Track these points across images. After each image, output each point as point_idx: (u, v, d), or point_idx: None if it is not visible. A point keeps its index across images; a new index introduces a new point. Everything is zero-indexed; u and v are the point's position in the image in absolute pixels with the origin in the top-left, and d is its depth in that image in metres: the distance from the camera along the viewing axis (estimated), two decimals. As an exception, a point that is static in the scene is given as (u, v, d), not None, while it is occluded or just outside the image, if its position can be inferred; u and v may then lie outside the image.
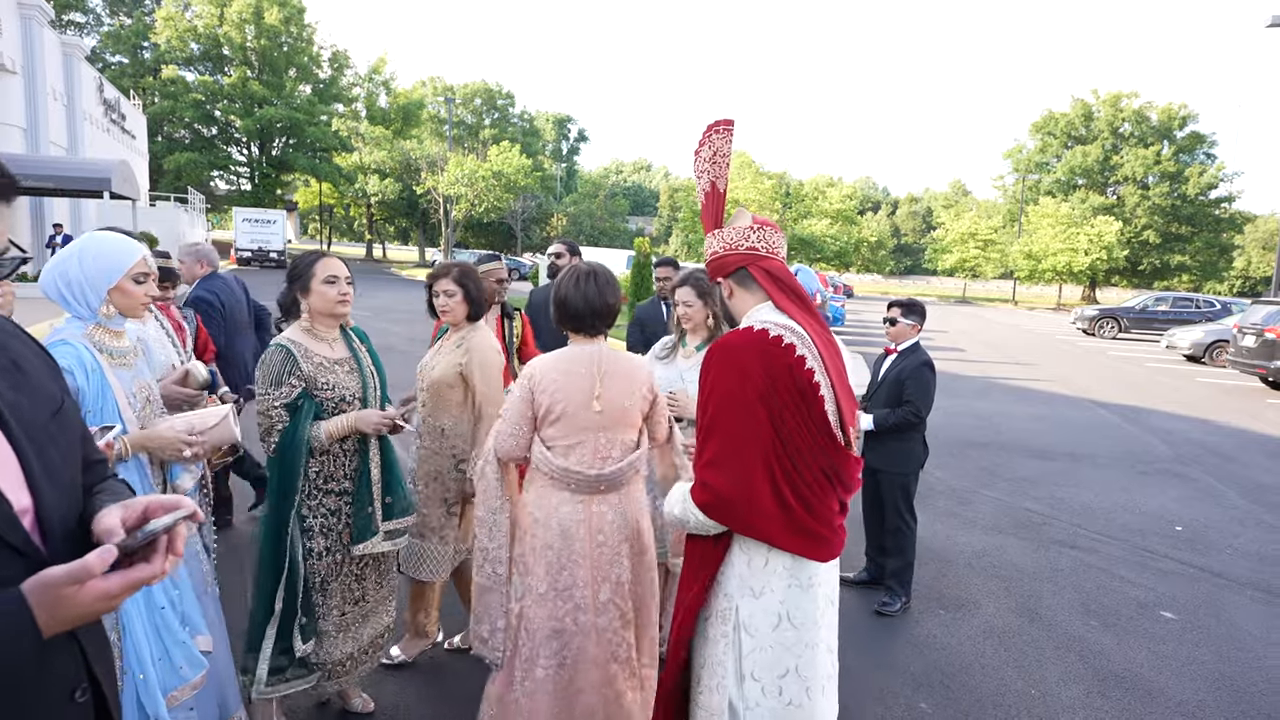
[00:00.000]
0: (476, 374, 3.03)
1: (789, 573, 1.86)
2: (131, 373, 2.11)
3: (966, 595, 4.36)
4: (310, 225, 57.67)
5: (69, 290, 1.99)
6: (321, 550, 2.60)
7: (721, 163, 2.04)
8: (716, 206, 2.05)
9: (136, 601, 1.91)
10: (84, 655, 0.93)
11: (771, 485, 1.79)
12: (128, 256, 2.06)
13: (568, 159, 66.27)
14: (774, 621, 1.86)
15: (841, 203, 45.45)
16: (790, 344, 1.83)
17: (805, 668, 1.88)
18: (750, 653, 1.86)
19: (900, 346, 4.17)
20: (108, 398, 1.97)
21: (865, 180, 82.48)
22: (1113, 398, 11.81)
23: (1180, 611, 4.30)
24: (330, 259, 2.60)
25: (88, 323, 2.03)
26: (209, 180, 43.76)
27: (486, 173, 38.04)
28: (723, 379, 1.83)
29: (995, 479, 6.85)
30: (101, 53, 40.69)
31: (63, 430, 1.02)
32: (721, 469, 1.80)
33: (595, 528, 2.33)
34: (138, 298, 2.08)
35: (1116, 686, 3.46)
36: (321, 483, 2.58)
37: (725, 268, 2.00)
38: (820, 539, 1.86)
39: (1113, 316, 23.93)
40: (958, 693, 3.34)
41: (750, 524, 1.82)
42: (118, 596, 0.86)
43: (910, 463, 4.12)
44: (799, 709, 1.87)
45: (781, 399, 1.80)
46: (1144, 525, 5.78)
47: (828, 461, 1.86)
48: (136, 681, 1.85)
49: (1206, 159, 46.18)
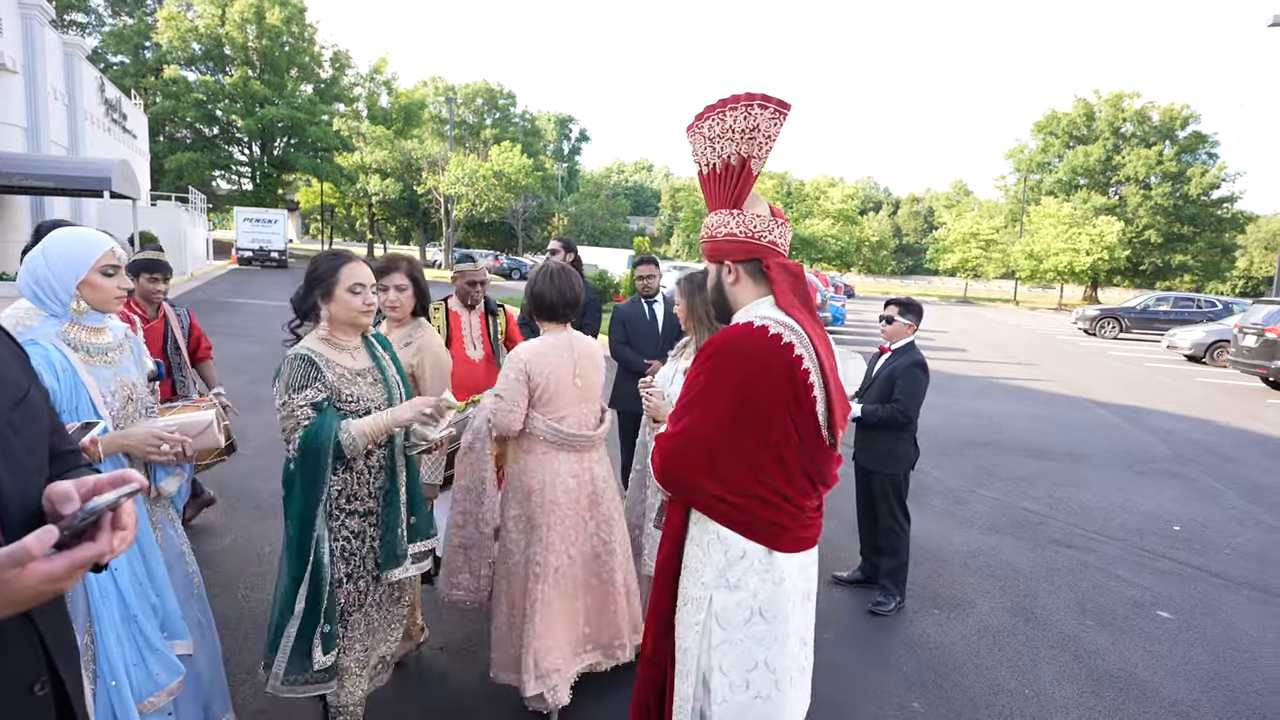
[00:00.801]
0: (429, 372, 3.00)
1: (763, 566, 1.85)
2: (113, 370, 2.08)
3: (962, 595, 4.35)
4: (312, 225, 57.74)
5: (40, 288, 1.97)
6: (343, 577, 2.35)
7: (764, 142, 1.87)
8: (744, 185, 1.92)
9: (110, 609, 1.88)
10: (44, 647, 0.91)
11: (714, 472, 1.82)
12: (93, 250, 2.01)
13: (569, 159, 66.25)
14: (745, 616, 1.85)
15: (843, 202, 45.43)
16: (789, 342, 1.80)
17: (775, 660, 1.86)
18: (719, 645, 1.85)
19: (894, 345, 4.16)
20: (82, 397, 1.94)
21: (867, 180, 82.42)
22: (1113, 398, 11.78)
23: (1177, 611, 4.28)
24: (356, 264, 2.38)
25: (63, 320, 2.00)
26: (210, 180, 43.81)
27: (488, 172, 38.08)
28: (715, 369, 1.83)
29: (993, 478, 6.83)
30: (103, 52, 40.75)
31: (28, 420, 1.00)
32: (680, 440, 1.85)
33: (590, 477, 2.92)
34: (109, 291, 2.03)
35: (1111, 686, 3.44)
36: (344, 502, 2.33)
37: (740, 253, 1.93)
38: (780, 528, 1.86)
39: (1114, 316, 23.89)
40: (951, 692, 3.33)
41: (690, 499, 1.90)
42: (64, 578, 0.84)
43: (901, 463, 4.10)
44: (767, 701, 1.86)
45: (770, 397, 1.79)
46: (1142, 525, 5.76)
47: (809, 459, 1.85)
48: (109, 687, 1.83)
49: (1209, 159, 46.09)
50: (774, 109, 1.85)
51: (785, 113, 1.87)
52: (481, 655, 3.17)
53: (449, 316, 3.81)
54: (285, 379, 2.24)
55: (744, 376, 1.79)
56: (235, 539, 4.40)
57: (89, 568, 0.88)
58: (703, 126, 1.93)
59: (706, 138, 1.93)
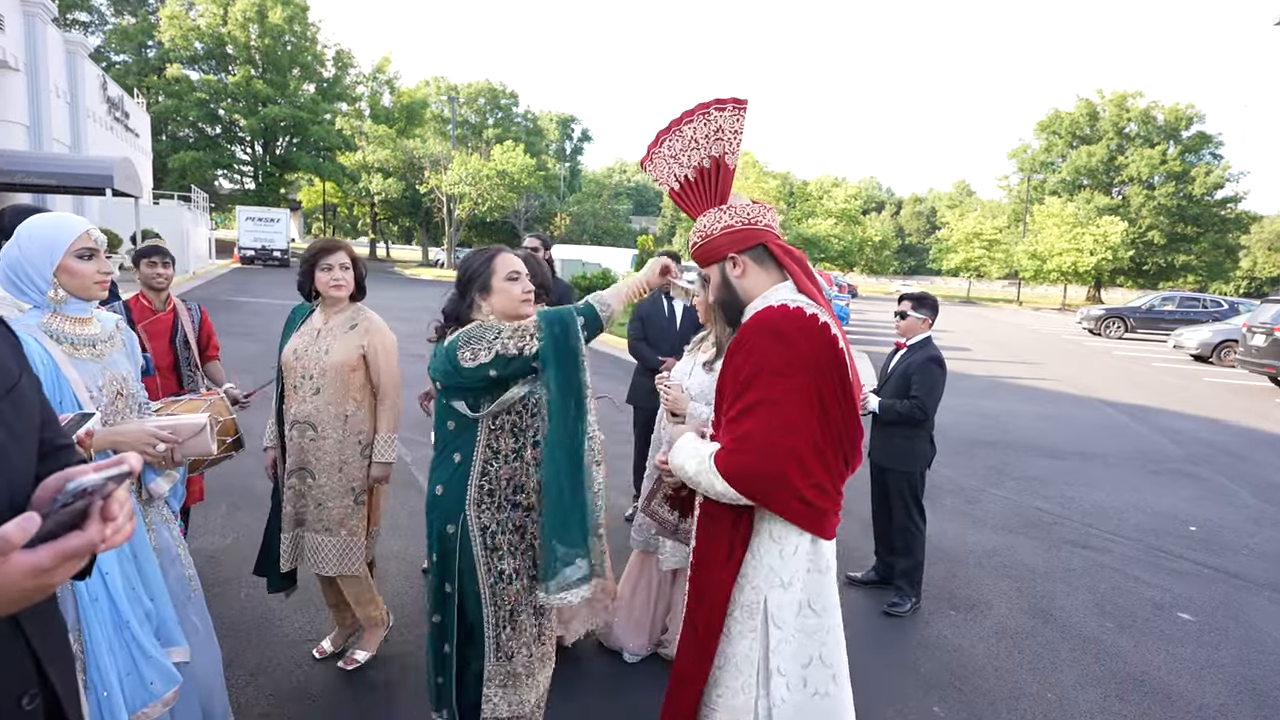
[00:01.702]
0: (380, 354, 2.92)
1: (808, 558, 1.77)
2: (101, 364, 1.97)
3: (977, 596, 4.26)
4: (314, 224, 57.69)
5: (17, 277, 1.86)
6: (511, 573, 2.18)
7: (730, 138, 1.87)
8: (724, 181, 1.90)
9: (101, 614, 1.79)
10: (34, 656, 0.83)
11: (801, 466, 1.69)
12: (67, 232, 1.89)
13: (571, 159, 66.21)
14: (795, 610, 1.76)
15: (846, 203, 45.37)
16: (825, 322, 1.74)
17: (829, 654, 1.78)
18: (777, 645, 1.75)
19: (910, 341, 4.08)
20: (64, 391, 1.83)
21: (870, 180, 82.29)
22: (1120, 397, 11.69)
23: (1197, 613, 4.19)
24: (506, 253, 2.26)
25: (44, 311, 1.89)
26: (213, 179, 43.84)
27: (490, 172, 38.02)
28: (767, 354, 1.71)
29: (1004, 478, 6.75)
30: (106, 51, 40.76)
31: (17, 411, 0.93)
32: (756, 444, 1.68)
33: None
34: (88, 276, 1.92)
35: (1135, 690, 3.36)
36: (511, 493, 2.17)
37: (742, 242, 1.87)
38: (828, 515, 1.78)
39: (1119, 316, 23.78)
40: (971, 695, 3.25)
41: (773, 497, 1.70)
42: (53, 569, 0.76)
43: (917, 461, 4.03)
44: (826, 698, 1.77)
45: (826, 376, 1.72)
46: (1156, 525, 5.67)
47: (849, 437, 1.79)
48: (100, 698, 1.73)
49: (1213, 159, 45.93)
50: (732, 107, 1.86)
51: (744, 107, 1.88)
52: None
53: None
54: (475, 335, 2.04)
55: (800, 358, 1.70)
56: (238, 538, 4.33)
57: (80, 560, 0.80)
58: (661, 149, 1.95)
59: (669, 156, 1.95)
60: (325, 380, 2.87)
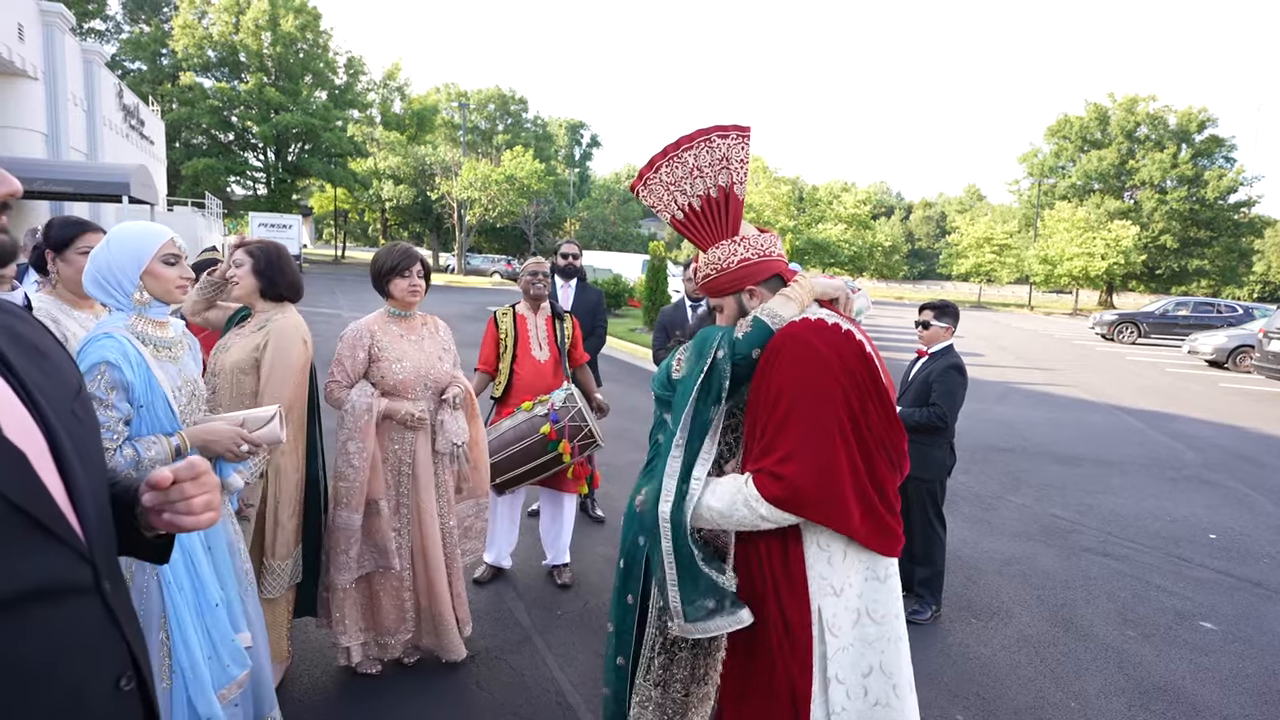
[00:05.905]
0: (266, 361, 2.62)
1: (865, 565, 1.78)
2: (177, 366, 2.08)
3: (998, 604, 4.26)
4: (325, 230, 58.09)
5: (105, 280, 1.97)
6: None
7: (737, 167, 1.87)
8: (735, 212, 1.90)
9: (189, 599, 1.89)
10: (126, 642, 0.88)
11: (853, 476, 1.71)
12: (155, 239, 2.02)
13: (580, 164, 66.40)
14: (853, 618, 1.76)
15: (855, 208, 45.26)
16: (849, 330, 1.77)
17: (890, 664, 1.77)
18: (835, 654, 1.74)
19: (932, 349, 4.09)
20: (155, 390, 1.94)
21: (879, 185, 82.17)
22: (1135, 403, 11.62)
23: (1220, 622, 4.17)
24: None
25: (129, 314, 2.00)
26: (226, 185, 44.17)
27: (500, 177, 38.18)
28: (797, 368, 1.72)
29: (1021, 485, 6.73)
30: (121, 59, 41.20)
31: (87, 412, 0.97)
32: (801, 461, 1.67)
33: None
34: (171, 280, 2.04)
35: (1159, 699, 3.35)
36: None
37: (760, 274, 1.90)
38: (891, 532, 1.78)
39: (1132, 321, 23.63)
40: (994, 704, 3.24)
41: (830, 515, 1.69)
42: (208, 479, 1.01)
43: (938, 469, 4.02)
44: (887, 709, 1.76)
45: (861, 387, 1.74)
46: (1176, 533, 5.65)
47: (893, 444, 1.80)
48: (188, 680, 1.81)
49: (1226, 163, 45.59)
50: (735, 135, 1.87)
51: (747, 135, 1.88)
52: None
53: (516, 320, 4.12)
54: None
55: (830, 369, 1.71)
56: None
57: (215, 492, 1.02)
58: (658, 175, 1.92)
59: (668, 183, 1.92)
60: (220, 381, 2.65)
